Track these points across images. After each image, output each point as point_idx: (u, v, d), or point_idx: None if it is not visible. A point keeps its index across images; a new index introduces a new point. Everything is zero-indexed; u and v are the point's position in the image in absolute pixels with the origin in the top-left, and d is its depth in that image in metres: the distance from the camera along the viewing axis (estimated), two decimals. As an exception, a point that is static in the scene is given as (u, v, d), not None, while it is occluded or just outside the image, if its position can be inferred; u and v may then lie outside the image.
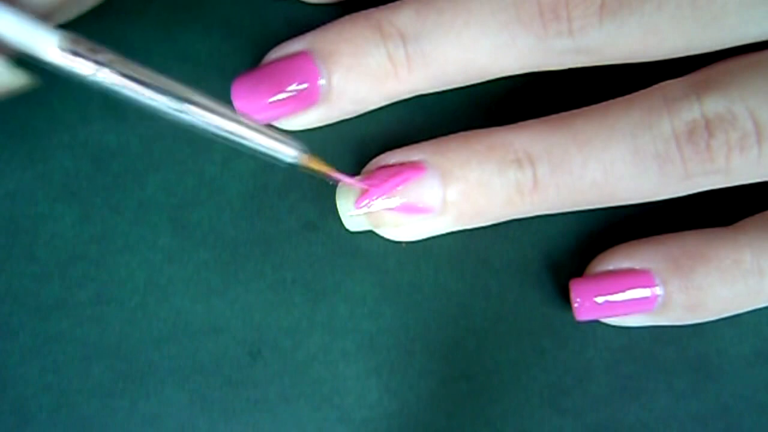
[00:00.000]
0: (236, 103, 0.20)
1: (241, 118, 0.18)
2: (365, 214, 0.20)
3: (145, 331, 0.22)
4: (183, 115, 0.17)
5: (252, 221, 0.22)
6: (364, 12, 0.20)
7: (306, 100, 0.20)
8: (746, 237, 0.20)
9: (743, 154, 0.18)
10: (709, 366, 0.22)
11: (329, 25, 0.20)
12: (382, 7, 0.20)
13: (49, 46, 0.17)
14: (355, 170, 0.21)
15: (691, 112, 0.18)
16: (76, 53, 0.17)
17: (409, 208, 0.20)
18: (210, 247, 0.22)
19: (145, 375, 0.22)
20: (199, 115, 0.17)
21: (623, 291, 0.20)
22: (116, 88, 0.17)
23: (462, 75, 0.20)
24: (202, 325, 0.22)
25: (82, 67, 0.17)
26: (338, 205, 0.20)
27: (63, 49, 0.17)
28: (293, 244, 0.22)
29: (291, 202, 0.22)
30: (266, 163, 0.22)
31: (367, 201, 0.20)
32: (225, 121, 0.18)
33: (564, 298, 0.22)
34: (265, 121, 0.20)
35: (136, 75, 0.17)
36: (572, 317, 0.22)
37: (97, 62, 0.17)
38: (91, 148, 0.22)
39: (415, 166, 0.20)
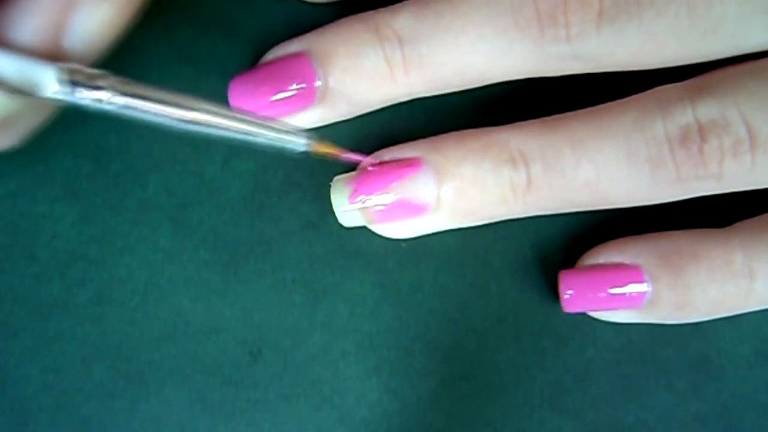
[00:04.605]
0: (233, 103, 0.20)
1: (248, 117, 0.18)
2: (360, 209, 0.20)
3: (145, 331, 0.22)
4: (191, 127, 0.17)
5: (252, 221, 0.22)
6: (361, 14, 0.20)
7: (302, 101, 0.20)
8: (738, 239, 0.20)
9: (736, 160, 0.18)
10: (709, 366, 0.22)
11: (326, 27, 0.20)
12: (380, 9, 0.20)
13: (48, 81, 0.16)
14: (352, 170, 0.21)
15: (684, 116, 0.18)
16: (76, 83, 0.16)
17: (403, 205, 0.20)
18: (210, 247, 0.22)
19: (145, 375, 0.22)
20: (207, 123, 0.17)
21: (612, 285, 0.20)
22: (121, 112, 0.17)
23: (459, 79, 0.19)
24: (202, 325, 0.22)
25: (85, 98, 0.16)
26: (332, 200, 0.20)
27: (62, 82, 0.16)
28: (293, 244, 0.22)
29: (291, 202, 0.22)
30: (266, 163, 0.22)
31: (362, 197, 0.20)
32: (234, 123, 0.17)
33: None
34: None
35: (140, 94, 0.16)
36: (572, 317, 0.22)
37: (97, 88, 0.16)
38: (91, 148, 0.22)
39: (410, 163, 0.20)
